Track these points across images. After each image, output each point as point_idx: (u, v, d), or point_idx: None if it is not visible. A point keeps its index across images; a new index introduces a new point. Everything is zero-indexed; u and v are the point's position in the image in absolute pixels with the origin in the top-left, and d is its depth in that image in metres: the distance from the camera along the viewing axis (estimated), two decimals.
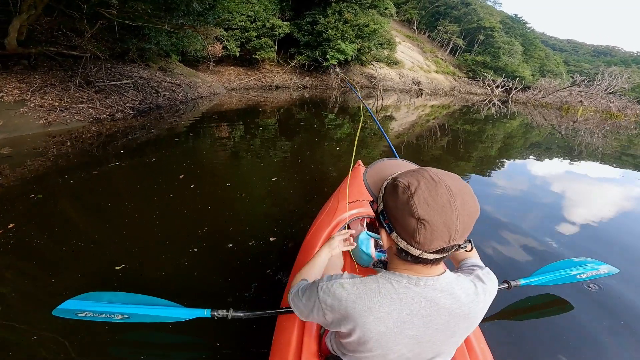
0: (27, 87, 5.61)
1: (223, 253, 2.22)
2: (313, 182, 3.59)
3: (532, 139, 8.65)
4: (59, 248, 2.16)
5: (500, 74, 27.72)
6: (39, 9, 5.53)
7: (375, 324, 0.72)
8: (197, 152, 4.74)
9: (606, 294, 1.98)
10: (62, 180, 3.23)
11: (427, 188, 0.64)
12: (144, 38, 8.27)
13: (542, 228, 2.94)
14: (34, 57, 6.29)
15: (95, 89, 6.41)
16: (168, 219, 2.63)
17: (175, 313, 1.37)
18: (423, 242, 0.65)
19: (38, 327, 1.57)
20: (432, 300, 0.72)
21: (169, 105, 7.95)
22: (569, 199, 3.83)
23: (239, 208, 2.90)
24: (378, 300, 0.72)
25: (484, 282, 0.78)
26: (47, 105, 5.44)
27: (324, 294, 0.78)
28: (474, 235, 2.39)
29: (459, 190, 0.65)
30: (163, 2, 5.21)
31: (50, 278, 1.88)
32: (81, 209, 2.81)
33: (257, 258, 2.17)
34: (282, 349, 1.12)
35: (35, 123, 5.04)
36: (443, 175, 0.67)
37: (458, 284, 0.74)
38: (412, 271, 0.72)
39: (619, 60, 51.96)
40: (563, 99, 19.28)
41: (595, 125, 12.09)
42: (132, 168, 3.77)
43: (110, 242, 2.28)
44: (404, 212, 0.65)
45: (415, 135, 7.79)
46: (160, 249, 2.22)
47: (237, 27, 14.13)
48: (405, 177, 0.68)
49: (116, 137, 5.00)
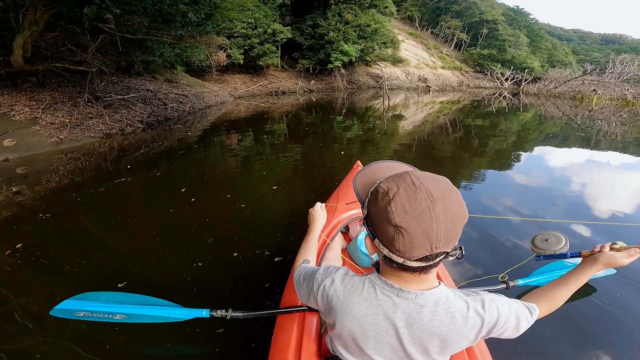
0: (37, 105, 5.63)
1: (227, 261, 2.20)
2: (322, 186, 3.51)
3: (547, 130, 8.41)
4: (62, 267, 2.13)
5: (508, 67, 27.28)
6: (40, 25, 5.55)
7: (350, 323, 0.73)
8: (201, 163, 4.65)
9: (604, 294, 1.94)
10: (70, 199, 3.19)
11: (406, 194, 0.61)
12: (148, 50, 8.29)
13: (544, 228, 2.79)
14: (42, 73, 6.34)
15: (103, 104, 6.41)
16: (168, 233, 2.59)
17: (174, 313, 1.36)
18: (403, 250, 0.62)
19: (37, 327, 1.57)
20: (410, 314, 0.70)
21: (177, 116, 7.94)
22: (573, 199, 3.56)
23: (239, 218, 2.84)
24: (358, 301, 0.73)
25: (483, 308, 0.72)
26: (58, 123, 5.44)
27: (317, 285, 0.81)
28: (473, 233, 2.45)
29: (441, 195, 0.61)
30: (159, 14, 5.14)
31: (50, 292, 1.87)
32: (87, 226, 2.77)
33: (257, 260, 2.17)
34: (281, 349, 1.11)
35: (47, 141, 5.04)
36: (427, 179, 0.63)
37: (446, 302, 0.70)
38: (399, 278, 0.70)
39: (628, 48, 50.73)
40: (576, 88, 18.86)
41: (611, 113, 11.72)
42: (138, 183, 3.72)
43: (112, 259, 2.27)
44: (383, 219, 0.62)
45: (427, 133, 7.64)
46: (162, 264, 2.18)
47: (239, 34, 14.17)
48: (387, 182, 0.65)
49: (125, 152, 4.96)
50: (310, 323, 1.16)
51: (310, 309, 1.20)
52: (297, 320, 1.18)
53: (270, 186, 3.56)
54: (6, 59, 5.66)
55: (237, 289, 1.93)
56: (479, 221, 2.76)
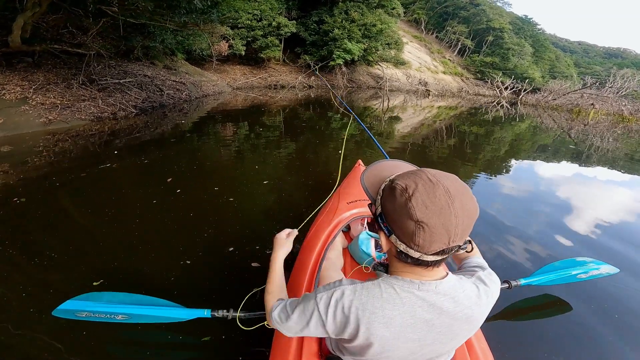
0: (29, 85, 5.59)
1: (222, 256, 2.16)
2: (315, 183, 3.49)
3: (540, 142, 8.48)
4: (31, 260, 2.03)
5: (509, 76, 27.30)
6: (44, 7, 5.51)
7: (379, 329, 0.71)
8: (192, 152, 4.61)
9: (606, 294, 1.95)
10: (49, 183, 3.10)
11: (425, 190, 0.63)
12: (149, 36, 8.23)
13: (543, 229, 2.92)
14: (38, 54, 6.28)
15: (98, 87, 6.38)
16: (148, 224, 2.51)
17: (176, 313, 1.36)
18: (422, 245, 0.64)
19: (37, 327, 1.55)
20: (435, 304, 0.71)
21: (173, 103, 7.91)
22: (572, 201, 3.79)
23: (227, 211, 2.81)
24: (381, 306, 0.71)
25: (486, 284, 0.78)
26: (48, 103, 5.41)
27: (324, 304, 0.76)
28: (476, 236, 2.27)
29: (457, 191, 0.64)
30: None
31: (20, 293, 1.76)
32: (64, 214, 2.66)
33: (256, 259, 2.12)
34: (282, 349, 1.12)
35: (35, 121, 5.01)
36: (441, 176, 0.66)
37: (460, 287, 0.74)
38: (414, 274, 0.72)
39: (630, 63, 50.92)
40: (574, 101, 18.88)
41: (606, 128, 11.80)
42: (122, 169, 3.66)
43: (89, 253, 2.15)
44: (402, 215, 0.65)
45: (422, 137, 7.66)
46: (143, 259, 2.10)
47: (243, 25, 14.09)
48: (403, 179, 0.67)
49: (114, 137, 4.93)
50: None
51: None
52: None
53: (262, 180, 3.55)
54: (4, 39, 5.61)
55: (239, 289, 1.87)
56: (481, 221, 2.81)
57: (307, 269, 1.47)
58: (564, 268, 1.80)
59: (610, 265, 1.88)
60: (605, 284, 2.00)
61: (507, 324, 1.74)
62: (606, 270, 1.85)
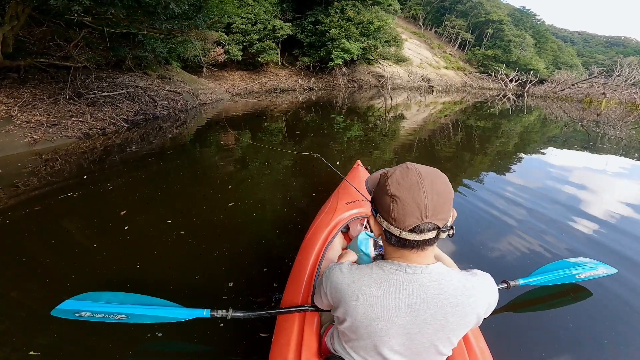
0: (14, 103, 5.27)
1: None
2: (320, 184, 3.36)
3: (549, 133, 8.20)
4: (29, 262, 2.02)
5: (512, 68, 26.85)
6: (22, 20, 5.19)
7: (363, 308, 0.77)
8: (192, 163, 4.31)
9: (604, 294, 1.94)
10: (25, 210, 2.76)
11: (400, 173, 0.75)
12: (138, 45, 7.91)
13: (543, 228, 2.83)
14: (24, 69, 5.99)
15: (87, 101, 6.05)
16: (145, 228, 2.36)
17: (175, 313, 1.35)
18: (397, 218, 0.72)
19: (36, 327, 1.55)
20: (420, 288, 0.75)
21: (167, 114, 7.56)
22: (573, 199, 3.59)
23: (229, 215, 2.59)
24: (368, 284, 0.77)
25: (477, 277, 0.80)
26: (34, 122, 5.08)
27: (326, 278, 0.87)
28: (476, 235, 2.62)
29: (428, 174, 0.73)
30: (137, 5, 4.67)
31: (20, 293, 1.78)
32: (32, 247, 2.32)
33: (256, 259, 2.12)
34: (282, 349, 1.12)
35: (20, 142, 4.67)
36: (419, 166, 0.76)
37: (448, 274, 0.77)
38: (403, 258, 0.77)
39: (632, 51, 50.23)
40: (584, 91, 18.43)
41: (618, 117, 11.33)
42: (81, 199, 3.07)
43: (88, 253, 2.14)
44: (382, 193, 0.76)
45: (428, 133, 7.37)
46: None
47: (237, 30, 13.78)
48: (387, 169, 0.79)
49: (94, 157, 4.40)
50: (310, 323, 1.17)
51: (311, 309, 1.20)
52: (297, 320, 1.20)
53: (261, 182, 3.24)
54: None
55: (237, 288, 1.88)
56: (479, 221, 2.84)
57: (306, 269, 1.48)
58: (562, 268, 1.81)
59: (608, 265, 1.90)
60: (603, 283, 1.98)
61: (506, 324, 1.73)
62: (604, 270, 1.86)
